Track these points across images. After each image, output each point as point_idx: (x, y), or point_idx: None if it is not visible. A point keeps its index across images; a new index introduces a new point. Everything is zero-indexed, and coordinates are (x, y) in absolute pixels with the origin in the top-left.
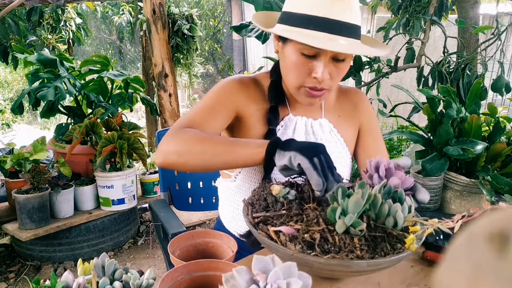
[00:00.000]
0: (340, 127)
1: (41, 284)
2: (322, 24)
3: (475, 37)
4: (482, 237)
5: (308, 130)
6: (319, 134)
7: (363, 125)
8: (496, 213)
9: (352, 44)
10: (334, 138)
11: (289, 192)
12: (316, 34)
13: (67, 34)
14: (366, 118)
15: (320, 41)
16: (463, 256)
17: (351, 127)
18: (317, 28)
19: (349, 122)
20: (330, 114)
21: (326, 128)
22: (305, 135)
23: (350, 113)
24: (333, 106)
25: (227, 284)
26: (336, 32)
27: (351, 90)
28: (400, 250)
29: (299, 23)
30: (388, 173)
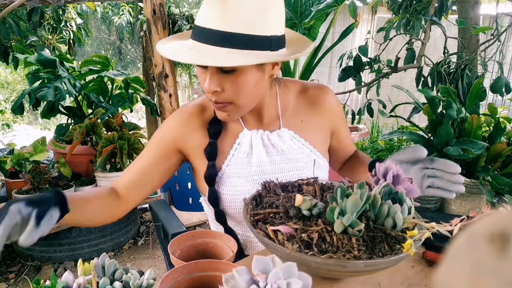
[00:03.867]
0: (304, 132)
1: (41, 284)
2: (197, 34)
3: (475, 38)
4: (483, 238)
5: (266, 143)
6: (279, 145)
7: (334, 123)
8: (496, 214)
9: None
10: (297, 144)
11: (316, 205)
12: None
13: (68, 34)
14: (333, 113)
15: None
16: (464, 256)
17: (318, 128)
18: (195, 38)
19: (315, 124)
20: (290, 121)
21: (286, 137)
22: (264, 148)
23: (314, 113)
24: (293, 111)
25: (227, 284)
26: (209, 41)
27: (311, 88)
28: (399, 251)
29: (192, 34)
30: (396, 180)
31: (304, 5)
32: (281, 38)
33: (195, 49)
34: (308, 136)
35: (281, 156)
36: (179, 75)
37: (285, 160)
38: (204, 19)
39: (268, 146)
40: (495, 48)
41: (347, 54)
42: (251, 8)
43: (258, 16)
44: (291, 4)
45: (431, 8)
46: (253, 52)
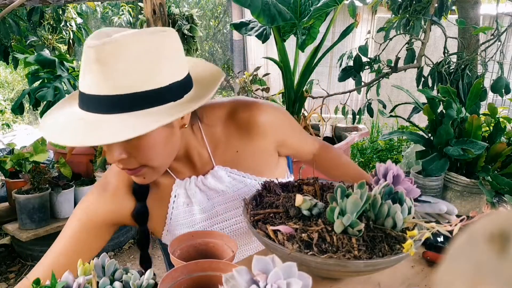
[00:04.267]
0: (243, 163)
1: (41, 284)
2: (83, 102)
3: (475, 38)
4: (483, 237)
5: (203, 189)
6: (218, 186)
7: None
8: (496, 214)
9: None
10: (237, 178)
11: (316, 205)
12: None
13: (68, 34)
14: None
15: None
16: (464, 256)
17: (257, 153)
18: (82, 107)
19: (252, 150)
20: (224, 157)
21: (222, 176)
22: (202, 193)
23: (249, 139)
24: (225, 144)
25: (227, 284)
26: (97, 110)
27: (239, 111)
28: (399, 251)
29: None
30: (396, 181)
31: (303, 5)
32: (185, 80)
33: (82, 122)
34: (247, 166)
35: (223, 196)
36: None
37: (228, 199)
38: (85, 85)
39: (206, 190)
40: (495, 48)
41: (347, 54)
42: (138, 61)
43: (149, 67)
44: (291, 4)
45: (431, 8)
46: (153, 110)
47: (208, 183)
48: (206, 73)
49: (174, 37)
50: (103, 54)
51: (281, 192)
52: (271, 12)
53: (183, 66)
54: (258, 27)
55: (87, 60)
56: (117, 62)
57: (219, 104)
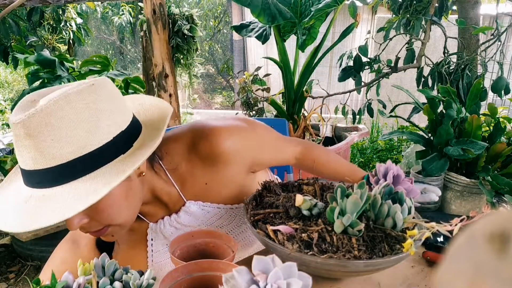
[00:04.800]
0: (214, 193)
1: (41, 284)
2: (26, 179)
3: (475, 38)
4: (482, 238)
5: (179, 227)
6: (192, 221)
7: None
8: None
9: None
10: (211, 210)
11: (316, 205)
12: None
13: (68, 34)
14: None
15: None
16: (464, 256)
17: (227, 182)
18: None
19: (221, 180)
20: (193, 190)
21: (195, 211)
22: (180, 232)
23: (216, 170)
24: (192, 178)
25: (227, 284)
26: (40, 184)
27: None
28: (399, 251)
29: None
30: (396, 181)
31: (304, 5)
32: (130, 127)
33: (29, 201)
34: (220, 196)
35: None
36: (179, 75)
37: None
38: (22, 162)
39: (183, 228)
40: (495, 48)
41: (347, 54)
42: (72, 125)
43: (85, 128)
44: (291, 4)
45: (431, 8)
46: (101, 170)
47: (182, 221)
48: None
49: (107, 85)
50: (32, 127)
51: (281, 192)
52: (271, 11)
53: (124, 113)
54: (258, 28)
55: (17, 137)
56: (49, 132)
57: (177, 138)
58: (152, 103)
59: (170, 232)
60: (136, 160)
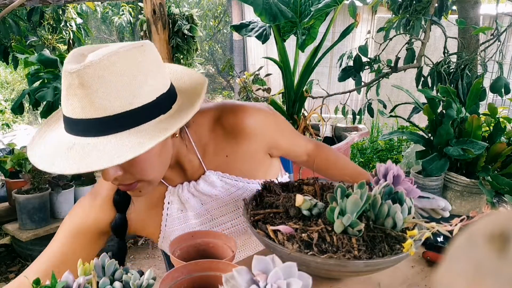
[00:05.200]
0: (233, 166)
1: (41, 284)
2: (70, 127)
3: (475, 38)
4: (483, 238)
5: (196, 195)
6: (210, 191)
7: (262, 141)
8: (496, 214)
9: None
10: (230, 182)
11: (316, 205)
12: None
13: (68, 34)
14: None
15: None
16: (464, 256)
17: (247, 157)
18: (70, 132)
19: (241, 154)
20: (214, 161)
21: (214, 180)
22: (195, 198)
23: (238, 143)
24: (214, 149)
25: (227, 285)
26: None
27: (224, 116)
28: (399, 251)
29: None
30: (396, 181)
31: (303, 4)
32: (170, 91)
33: (74, 148)
34: (238, 169)
35: (216, 201)
36: None
37: (223, 203)
38: (70, 110)
39: (199, 195)
40: (495, 48)
41: (347, 54)
42: (122, 80)
43: (133, 84)
44: (291, 4)
45: (431, 8)
46: (144, 126)
47: (200, 189)
48: (187, 80)
49: (153, 49)
50: (85, 78)
51: (281, 192)
52: (273, 10)
53: (166, 77)
54: (258, 28)
55: (70, 85)
56: (101, 84)
57: (205, 110)
58: (183, 72)
59: (187, 197)
60: (178, 121)
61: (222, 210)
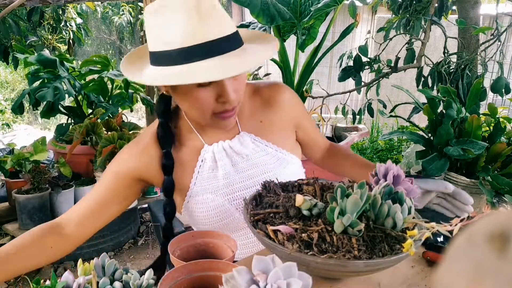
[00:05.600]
0: (265, 132)
1: (41, 284)
2: (201, 52)
3: (475, 38)
4: (483, 238)
5: (230, 153)
6: (242, 151)
7: (293, 115)
8: (496, 214)
9: (239, 58)
10: (260, 146)
11: (316, 205)
12: (202, 65)
13: (68, 34)
14: (291, 108)
15: (210, 73)
16: (464, 256)
17: (278, 126)
18: (198, 58)
19: (274, 122)
20: (248, 124)
21: (247, 141)
22: (228, 158)
23: (272, 112)
24: (250, 113)
25: (227, 284)
26: (221, 52)
27: (263, 88)
28: (399, 251)
29: (177, 60)
30: (396, 181)
31: (303, 4)
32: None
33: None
34: (269, 136)
35: (246, 162)
36: None
37: (251, 165)
38: (207, 32)
39: (232, 155)
40: (495, 48)
41: (347, 54)
42: (220, 8)
43: (226, 14)
44: (291, 4)
45: (431, 8)
46: (243, 48)
47: (233, 146)
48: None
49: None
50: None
51: (281, 192)
52: (270, 11)
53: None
54: (257, 28)
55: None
56: (217, 13)
57: (247, 83)
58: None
59: (220, 155)
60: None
61: (249, 174)
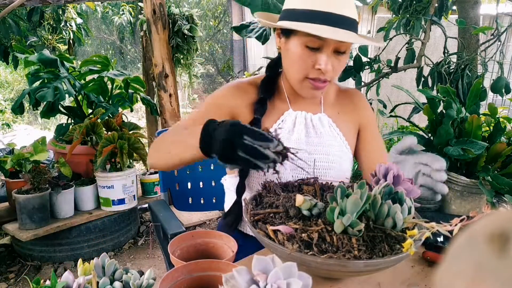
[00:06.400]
0: (339, 123)
1: (41, 284)
2: (325, 18)
3: (475, 38)
4: (483, 238)
5: (308, 124)
6: (319, 127)
7: (363, 124)
8: (496, 214)
9: (353, 36)
10: (333, 132)
11: (316, 205)
12: (320, 27)
13: (68, 34)
14: (365, 118)
15: (327, 32)
16: (464, 256)
17: (350, 124)
18: (319, 22)
19: (348, 120)
20: (329, 110)
21: (325, 122)
22: (305, 128)
23: (349, 112)
24: (333, 103)
25: (227, 284)
26: (338, 25)
27: (350, 91)
28: (399, 251)
29: (301, 18)
30: (396, 181)
31: None
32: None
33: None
34: (342, 128)
35: (318, 138)
36: (179, 75)
37: (321, 143)
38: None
39: (309, 127)
40: (495, 48)
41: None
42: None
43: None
44: None
45: (431, 8)
46: (356, 34)
47: (313, 120)
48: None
49: None
50: None
51: (281, 192)
52: (272, 11)
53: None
54: (258, 29)
55: None
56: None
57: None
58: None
59: (299, 121)
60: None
61: (317, 149)
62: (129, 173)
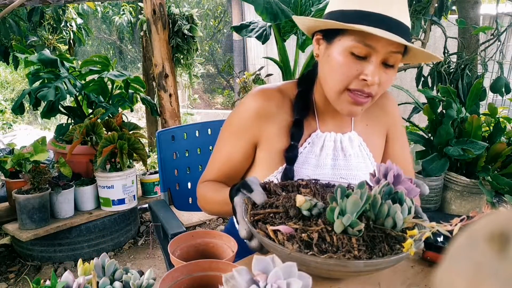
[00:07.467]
0: (368, 139)
1: (41, 284)
2: (379, 20)
3: (475, 38)
4: (483, 238)
5: (337, 146)
6: (348, 149)
7: (391, 131)
8: (496, 214)
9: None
10: (362, 152)
11: (316, 205)
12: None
13: (68, 34)
14: (393, 122)
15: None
16: (464, 256)
17: (378, 136)
18: (372, 24)
19: (376, 130)
20: (359, 125)
21: (355, 142)
22: (333, 151)
23: (378, 119)
24: (361, 116)
25: (227, 284)
26: (392, 30)
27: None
28: (399, 251)
29: (351, 19)
30: (396, 180)
31: (304, 5)
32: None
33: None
34: (372, 146)
35: (345, 161)
36: (179, 75)
37: (348, 166)
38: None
39: (338, 149)
40: (495, 48)
41: None
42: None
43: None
44: (291, 3)
45: (431, 8)
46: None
47: (343, 142)
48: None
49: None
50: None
51: (281, 192)
52: (273, 9)
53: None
54: (258, 29)
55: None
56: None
57: None
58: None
59: (327, 144)
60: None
61: (343, 173)
62: (129, 173)
